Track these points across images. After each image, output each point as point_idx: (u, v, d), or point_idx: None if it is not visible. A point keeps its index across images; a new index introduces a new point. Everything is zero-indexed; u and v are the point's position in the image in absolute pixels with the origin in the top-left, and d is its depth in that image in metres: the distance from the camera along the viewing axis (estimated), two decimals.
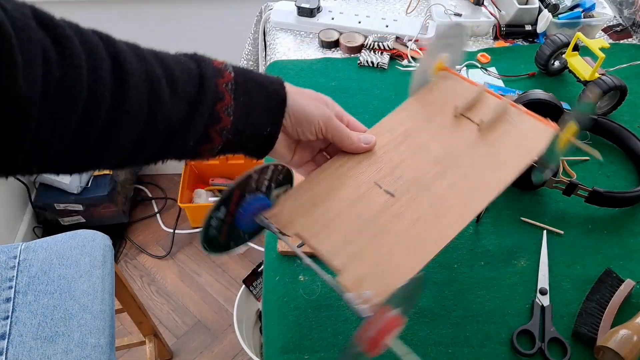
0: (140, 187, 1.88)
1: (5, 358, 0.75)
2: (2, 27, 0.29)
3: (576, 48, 0.84)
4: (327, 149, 0.55)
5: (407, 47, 0.95)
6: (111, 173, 1.64)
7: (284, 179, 0.51)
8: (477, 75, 0.91)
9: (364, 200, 0.49)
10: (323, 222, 0.48)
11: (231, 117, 0.44)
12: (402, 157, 0.52)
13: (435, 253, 0.46)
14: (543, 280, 0.63)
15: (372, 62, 0.93)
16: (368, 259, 0.45)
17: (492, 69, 0.92)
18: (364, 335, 0.39)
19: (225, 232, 0.49)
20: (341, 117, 0.52)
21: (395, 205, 0.49)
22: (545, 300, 0.61)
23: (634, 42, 0.99)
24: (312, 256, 0.46)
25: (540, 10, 0.97)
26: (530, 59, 0.92)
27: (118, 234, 1.72)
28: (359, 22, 0.99)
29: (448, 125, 0.55)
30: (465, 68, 0.92)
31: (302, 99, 0.48)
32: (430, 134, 0.54)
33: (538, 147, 0.53)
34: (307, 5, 0.99)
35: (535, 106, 0.74)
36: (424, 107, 0.56)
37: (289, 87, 0.48)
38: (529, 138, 0.54)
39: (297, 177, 0.53)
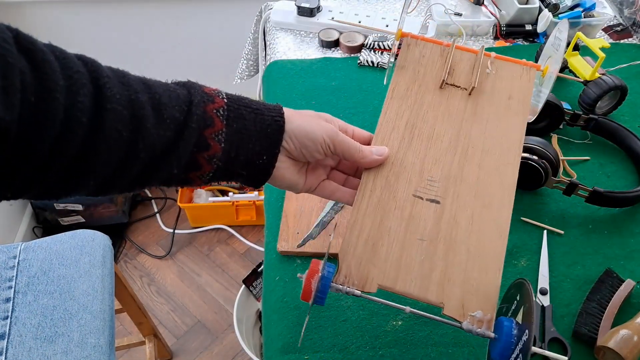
0: None
1: (5, 358, 0.75)
2: None
3: (576, 48, 0.84)
4: (339, 166, 0.53)
5: None
6: None
7: None
8: None
9: (415, 219, 0.48)
10: (394, 262, 0.46)
11: (222, 144, 0.42)
12: (420, 156, 0.51)
13: (505, 244, 0.46)
14: (543, 281, 0.63)
15: (372, 62, 0.93)
16: (455, 279, 0.45)
17: None
18: (509, 355, 0.41)
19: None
20: (345, 130, 0.51)
21: (445, 211, 0.48)
22: (545, 301, 0.61)
23: (634, 41, 0.99)
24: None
25: (540, 10, 0.97)
26: (530, 59, 0.91)
27: (118, 234, 1.72)
28: (359, 22, 0.99)
29: (440, 100, 0.54)
30: None
31: (301, 119, 0.47)
32: (431, 118, 0.53)
33: (528, 90, 0.54)
34: (307, 5, 0.99)
35: None
36: (408, 89, 0.55)
37: (288, 112, 0.47)
38: (516, 85, 0.54)
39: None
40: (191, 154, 0.41)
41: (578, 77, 0.81)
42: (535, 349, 0.42)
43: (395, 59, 0.58)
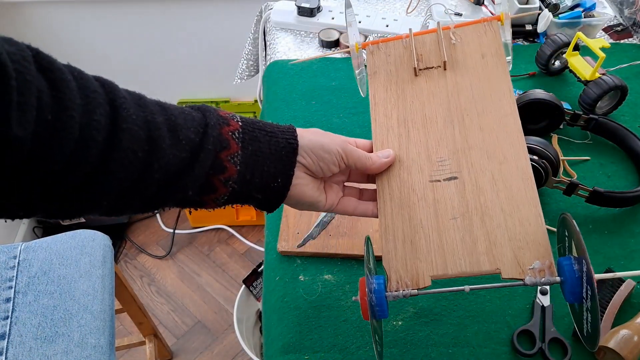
0: None
1: (5, 358, 0.75)
2: (6, 69, 0.30)
3: (577, 48, 0.84)
4: (350, 179, 0.54)
5: None
6: None
7: None
8: None
9: (440, 202, 0.48)
10: (437, 249, 0.46)
11: (237, 167, 0.42)
12: (422, 144, 0.51)
13: (534, 187, 0.47)
14: None
15: None
16: (500, 241, 0.45)
17: None
18: (580, 290, 0.41)
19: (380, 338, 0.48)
20: (349, 142, 0.51)
21: (465, 182, 0.48)
22: (545, 300, 0.61)
23: (635, 41, 0.99)
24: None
25: (540, 10, 0.97)
26: (530, 59, 0.92)
27: (118, 234, 1.72)
28: (360, 22, 0.99)
29: (420, 87, 0.55)
30: None
31: (314, 135, 0.47)
32: (418, 105, 0.54)
33: (497, 42, 0.55)
34: (307, 5, 0.99)
35: (536, 106, 0.74)
36: (387, 90, 0.56)
37: (300, 131, 0.47)
38: (484, 43, 0.56)
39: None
40: (207, 176, 0.41)
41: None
42: (599, 275, 0.43)
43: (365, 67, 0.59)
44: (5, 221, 0.38)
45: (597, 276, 0.42)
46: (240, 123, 0.44)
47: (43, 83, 0.33)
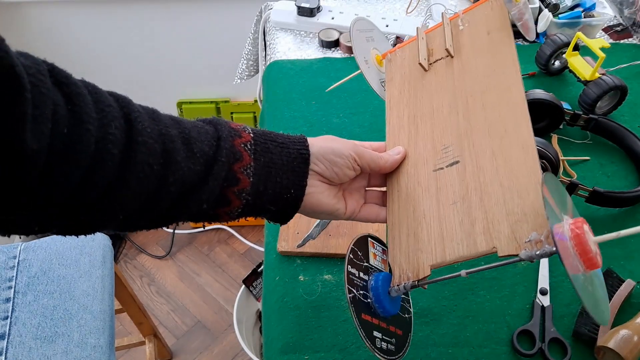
0: None
1: (5, 358, 0.75)
2: (21, 81, 0.30)
3: (576, 48, 0.84)
4: (369, 184, 0.53)
5: None
6: None
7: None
8: None
9: (442, 189, 0.47)
10: (436, 238, 0.45)
11: (250, 179, 0.42)
12: (428, 135, 0.51)
13: (535, 155, 0.44)
14: (543, 281, 0.63)
15: None
16: (498, 218, 0.43)
17: None
18: (575, 261, 0.37)
19: (389, 332, 0.47)
20: (362, 145, 0.51)
21: (466, 164, 0.47)
22: (545, 301, 0.61)
23: (635, 42, 0.99)
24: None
25: (540, 10, 0.97)
26: (530, 59, 0.92)
27: (118, 234, 1.72)
28: None
29: (430, 81, 0.55)
30: None
31: (324, 142, 0.47)
32: (426, 99, 0.54)
33: (503, 16, 0.54)
34: (307, 5, 0.99)
35: (536, 106, 0.74)
36: (401, 92, 0.56)
37: (311, 140, 0.47)
38: (490, 19, 0.55)
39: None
40: (221, 189, 0.41)
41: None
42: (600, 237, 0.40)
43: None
44: (20, 237, 0.37)
45: (597, 238, 0.40)
46: (252, 135, 0.44)
47: (59, 97, 0.33)
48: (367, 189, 0.53)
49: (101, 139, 0.35)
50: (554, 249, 0.37)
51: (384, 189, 0.53)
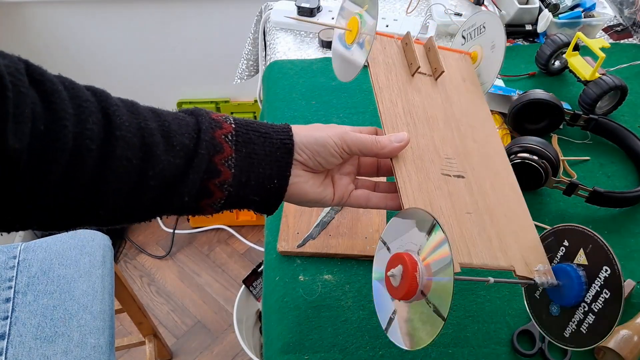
0: None
1: (5, 358, 0.75)
2: (3, 81, 0.30)
3: (576, 48, 0.84)
4: (360, 170, 0.53)
5: None
6: None
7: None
8: None
9: (454, 195, 0.48)
10: (459, 238, 0.46)
11: (232, 170, 0.42)
12: (428, 138, 0.51)
13: (524, 202, 0.51)
14: None
15: None
16: (509, 242, 0.47)
17: None
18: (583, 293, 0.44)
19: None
20: (353, 130, 0.50)
21: (472, 184, 0.50)
22: None
23: (635, 42, 0.99)
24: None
25: (540, 10, 0.97)
26: (530, 59, 0.92)
27: (117, 234, 1.72)
28: None
29: (417, 87, 0.56)
30: None
31: (308, 131, 0.47)
32: (419, 102, 0.54)
33: (472, 72, 0.60)
34: (307, 5, 0.99)
35: (536, 106, 0.74)
36: (388, 78, 0.55)
37: (295, 128, 0.46)
38: (462, 68, 0.60)
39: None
40: (202, 181, 0.41)
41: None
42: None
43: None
44: (1, 234, 0.37)
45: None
46: (233, 125, 0.43)
47: (34, 95, 0.33)
48: (357, 177, 0.52)
49: (79, 135, 0.35)
50: (556, 282, 0.45)
51: (373, 179, 0.53)
